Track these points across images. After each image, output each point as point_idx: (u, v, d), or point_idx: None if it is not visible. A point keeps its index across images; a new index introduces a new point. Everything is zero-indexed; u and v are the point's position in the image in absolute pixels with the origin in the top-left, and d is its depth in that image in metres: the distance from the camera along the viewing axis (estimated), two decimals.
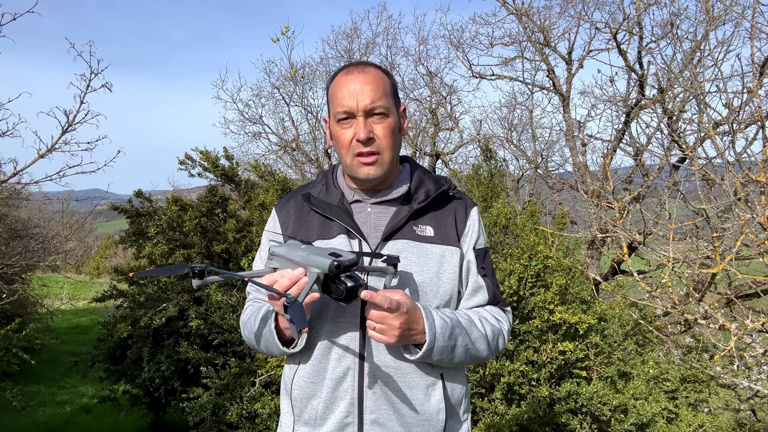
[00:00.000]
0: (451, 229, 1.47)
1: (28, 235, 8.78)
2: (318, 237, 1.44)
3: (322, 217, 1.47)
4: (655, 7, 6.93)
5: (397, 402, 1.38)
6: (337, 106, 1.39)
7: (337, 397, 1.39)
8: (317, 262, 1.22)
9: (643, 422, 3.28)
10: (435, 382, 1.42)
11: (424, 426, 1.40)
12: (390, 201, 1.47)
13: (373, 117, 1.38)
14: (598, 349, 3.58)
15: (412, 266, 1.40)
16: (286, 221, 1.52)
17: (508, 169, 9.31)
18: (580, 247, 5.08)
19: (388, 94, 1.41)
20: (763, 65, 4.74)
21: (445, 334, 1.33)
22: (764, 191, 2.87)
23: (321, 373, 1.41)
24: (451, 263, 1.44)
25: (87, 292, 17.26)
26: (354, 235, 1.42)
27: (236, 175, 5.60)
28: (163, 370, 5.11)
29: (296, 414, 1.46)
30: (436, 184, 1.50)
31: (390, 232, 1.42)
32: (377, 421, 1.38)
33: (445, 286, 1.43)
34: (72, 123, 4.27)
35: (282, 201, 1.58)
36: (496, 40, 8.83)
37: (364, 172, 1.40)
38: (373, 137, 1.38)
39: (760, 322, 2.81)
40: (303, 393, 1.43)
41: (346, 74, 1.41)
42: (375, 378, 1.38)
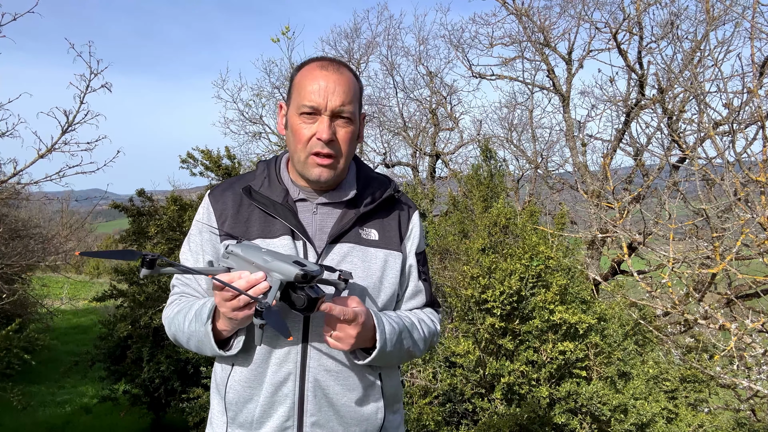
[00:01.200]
0: (395, 233, 1.46)
1: (28, 235, 8.78)
2: (259, 235, 1.38)
3: (263, 213, 1.40)
4: (655, 7, 6.94)
5: (338, 404, 1.37)
6: (304, 98, 1.33)
7: (276, 401, 1.36)
8: (282, 269, 1.17)
9: (643, 422, 3.29)
10: (374, 382, 1.42)
11: (363, 425, 1.41)
12: (336, 203, 1.43)
13: (338, 120, 1.34)
14: (597, 349, 3.58)
15: (356, 270, 1.38)
16: (222, 214, 1.43)
17: (508, 169, 9.32)
18: (579, 247, 5.08)
19: (356, 99, 1.38)
20: (763, 65, 4.74)
21: (393, 339, 1.34)
22: (764, 191, 2.87)
23: (259, 378, 1.37)
24: (393, 267, 1.43)
25: (87, 292, 17.26)
26: (299, 237, 1.37)
27: (238, 174, 5.60)
28: (162, 370, 5.12)
29: (230, 417, 1.42)
30: (382, 187, 1.48)
31: (336, 236, 1.39)
32: (317, 423, 1.37)
33: (386, 290, 1.42)
34: (72, 123, 4.27)
35: (217, 190, 1.48)
36: (496, 40, 8.84)
37: (316, 173, 1.35)
38: (335, 140, 1.34)
39: (760, 322, 2.81)
40: (238, 397, 1.39)
41: (320, 68, 1.35)
42: (317, 381, 1.36)
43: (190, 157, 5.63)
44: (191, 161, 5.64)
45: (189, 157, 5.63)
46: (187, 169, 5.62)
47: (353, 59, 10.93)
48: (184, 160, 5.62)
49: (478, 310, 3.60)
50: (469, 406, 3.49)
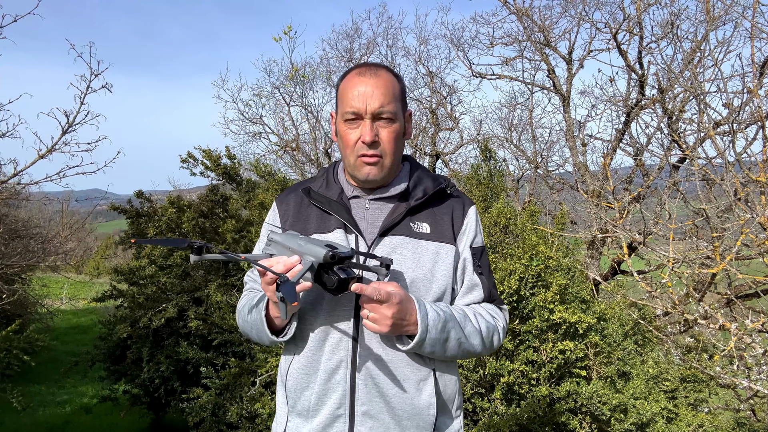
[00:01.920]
0: (447, 226, 1.49)
1: (28, 235, 8.78)
2: (315, 230, 1.47)
3: (320, 211, 1.50)
4: (655, 7, 6.93)
5: (388, 395, 1.40)
6: (346, 106, 1.41)
7: (330, 388, 1.41)
8: (313, 251, 1.25)
9: (643, 422, 3.28)
10: (427, 376, 1.43)
11: (415, 420, 1.42)
12: (388, 198, 1.49)
13: (379, 121, 1.41)
14: (597, 348, 3.58)
15: (406, 262, 1.42)
16: (285, 214, 1.54)
17: (508, 169, 9.32)
18: (579, 247, 5.08)
19: (397, 99, 1.44)
20: (763, 65, 4.74)
21: (437, 326, 1.35)
22: (764, 191, 2.87)
23: (314, 365, 1.43)
24: (445, 260, 1.46)
25: (87, 293, 17.27)
26: (351, 230, 1.45)
27: (238, 174, 5.60)
28: (162, 370, 5.12)
29: (290, 405, 1.48)
30: (434, 182, 1.52)
31: (386, 228, 1.44)
32: (368, 413, 1.40)
33: (438, 282, 1.45)
34: (72, 124, 4.28)
35: (283, 194, 1.61)
36: (496, 39, 8.83)
37: (364, 172, 1.43)
38: (378, 141, 1.41)
39: (760, 322, 2.81)
40: (297, 384, 1.46)
41: (358, 75, 1.43)
42: (367, 370, 1.40)
43: (190, 157, 5.64)
44: (192, 161, 5.64)
45: (189, 157, 5.64)
46: (188, 168, 5.63)
47: (353, 59, 10.93)
48: (185, 159, 5.63)
49: None
50: (469, 405, 3.49)
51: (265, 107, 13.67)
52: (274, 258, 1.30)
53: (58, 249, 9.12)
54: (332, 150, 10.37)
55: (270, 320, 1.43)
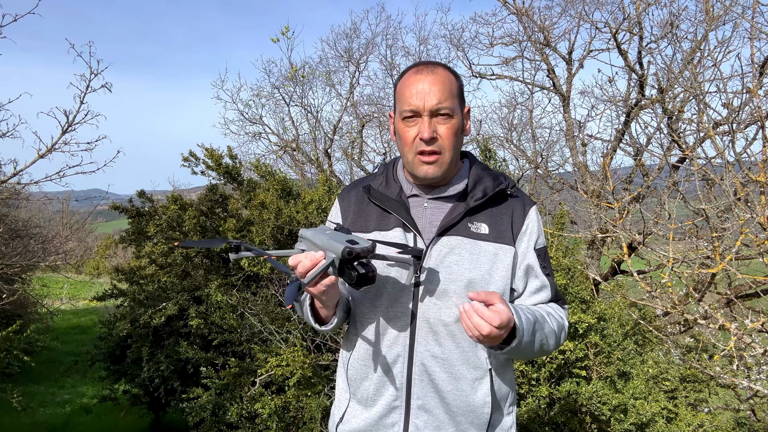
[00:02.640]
0: (507, 227, 1.49)
1: (28, 235, 8.78)
2: (375, 228, 1.50)
3: (380, 209, 1.52)
4: (655, 7, 6.93)
5: (443, 391, 1.44)
6: (404, 104, 1.43)
7: (387, 381, 1.46)
8: (333, 247, 1.28)
9: (643, 422, 3.29)
10: (483, 376, 1.46)
11: (469, 416, 1.45)
12: (447, 197, 1.51)
13: (437, 117, 1.42)
14: (597, 348, 3.59)
15: (464, 263, 1.44)
16: (346, 211, 1.58)
17: (508, 169, 9.31)
18: (579, 247, 5.08)
19: (455, 95, 1.45)
20: (762, 65, 4.74)
21: (528, 330, 1.37)
22: (764, 191, 2.87)
23: (374, 357, 1.48)
24: (504, 261, 1.46)
25: (87, 292, 17.27)
26: (409, 229, 1.47)
27: (239, 174, 5.60)
28: (162, 369, 5.12)
29: (351, 391, 1.54)
30: (494, 182, 1.52)
31: (444, 228, 1.45)
32: (423, 407, 1.45)
33: (497, 283, 1.45)
34: (72, 123, 4.27)
35: (344, 191, 1.64)
36: (496, 39, 8.83)
37: (423, 171, 1.45)
38: (436, 137, 1.42)
39: (760, 322, 2.81)
40: (357, 374, 1.52)
41: (415, 73, 1.44)
42: (423, 366, 1.44)
43: (192, 156, 5.64)
44: (193, 160, 5.64)
45: (191, 156, 5.64)
46: (189, 167, 5.63)
47: (353, 59, 10.93)
48: (186, 158, 5.63)
49: None
50: None
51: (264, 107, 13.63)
52: (303, 254, 1.31)
53: (58, 249, 9.12)
54: (332, 150, 10.37)
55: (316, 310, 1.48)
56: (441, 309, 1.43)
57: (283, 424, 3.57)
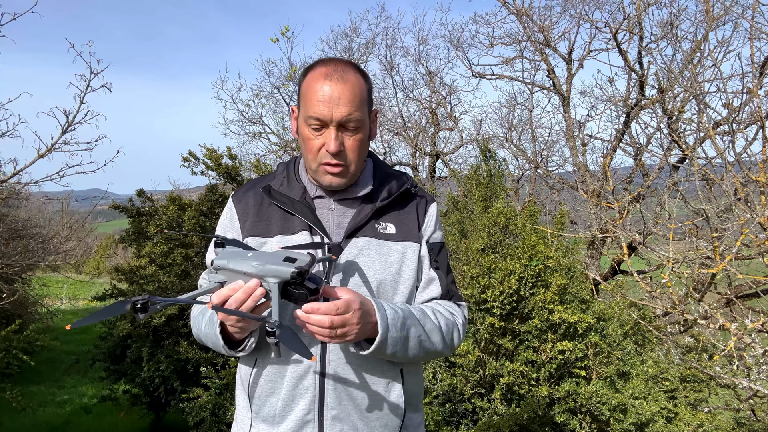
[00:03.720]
0: (413, 225, 1.47)
1: (28, 235, 8.78)
2: (279, 232, 1.42)
3: (282, 211, 1.44)
4: (655, 7, 6.93)
5: (358, 398, 1.39)
6: (310, 110, 1.33)
7: (297, 394, 1.38)
8: (275, 272, 1.14)
9: (642, 422, 3.29)
10: (395, 376, 1.43)
11: (383, 419, 1.42)
12: (353, 199, 1.46)
13: (345, 130, 1.35)
14: (597, 348, 3.58)
15: (374, 264, 1.40)
16: (245, 214, 1.47)
17: (507, 168, 9.31)
18: (579, 247, 5.08)
19: (364, 102, 1.37)
20: (762, 65, 4.74)
21: (396, 324, 1.32)
22: (764, 191, 2.87)
23: (280, 372, 1.39)
24: (411, 259, 1.44)
25: (87, 292, 17.27)
26: (316, 232, 1.40)
27: (239, 174, 5.60)
28: (162, 369, 5.12)
29: (254, 411, 1.45)
30: (398, 182, 1.50)
31: (353, 230, 1.41)
32: (338, 417, 1.38)
33: (405, 282, 1.43)
34: (72, 123, 4.27)
35: (239, 192, 1.53)
36: (496, 39, 8.83)
37: (327, 181, 1.39)
38: (343, 151, 1.35)
39: (760, 322, 2.81)
40: (261, 391, 1.42)
41: (324, 77, 1.34)
42: (336, 375, 1.38)
43: (191, 156, 5.64)
44: (193, 160, 5.64)
45: (191, 156, 5.64)
46: (188, 167, 5.62)
47: (352, 59, 10.93)
48: (186, 158, 5.63)
49: (478, 310, 3.60)
50: (469, 406, 3.49)
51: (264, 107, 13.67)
52: (228, 287, 1.18)
53: (58, 249, 9.12)
54: None
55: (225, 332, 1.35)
56: None
57: None
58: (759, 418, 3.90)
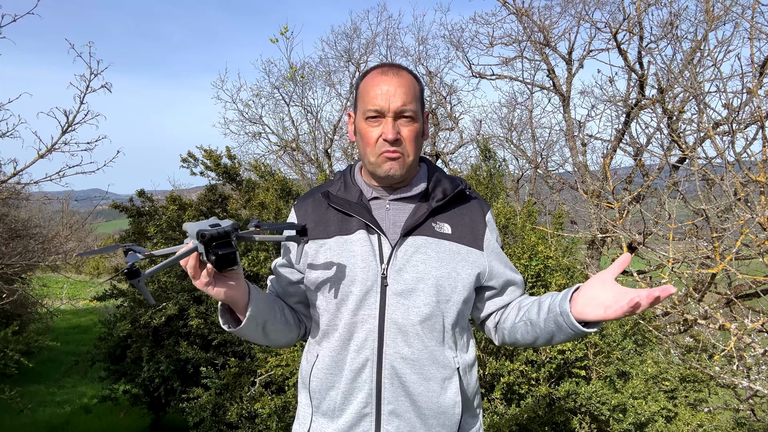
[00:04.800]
0: (467, 228, 1.51)
1: (28, 235, 8.77)
2: (337, 233, 1.47)
3: (341, 213, 1.50)
4: (655, 7, 6.93)
5: (414, 394, 1.42)
6: (368, 104, 1.42)
7: (356, 387, 1.42)
8: (192, 231, 1.22)
9: (642, 421, 3.29)
10: (452, 374, 1.45)
11: (440, 418, 1.43)
12: (408, 198, 1.51)
13: (401, 119, 1.42)
14: (597, 348, 3.59)
15: (431, 261, 1.43)
16: (303, 218, 1.54)
17: (507, 169, 9.31)
18: (577, 247, 5.09)
19: (418, 99, 1.45)
20: (762, 65, 4.74)
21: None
22: (764, 191, 2.87)
23: (339, 365, 1.44)
24: (467, 260, 1.47)
25: (87, 292, 17.26)
26: (374, 230, 1.45)
27: (238, 174, 5.61)
28: (162, 369, 5.12)
29: (315, 405, 1.49)
30: (452, 184, 1.54)
31: (410, 228, 1.45)
32: (394, 412, 1.41)
33: (463, 281, 1.46)
34: (72, 123, 4.28)
35: (300, 200, 1.60)
36: (496, 39, 8.83)
37: (386, 168, 1.43)
38: (400, 138, 1.42)
39: (759, 322, 2.81)
40: (321, 384, 1.46)
41: (380, 74, 1.44)
42: (393, 369, 1.41)
43: (191, 156, 5.64)
44: (192, 160, 5.64)
45: (190, 156, 5.64)
46: (188, 168, 5.63)
47: (352, 59, 10.93)
48: (185, 159, 5.63)
49: None
50: None
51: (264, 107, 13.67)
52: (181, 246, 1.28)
53: (58, 249, 9.11)
54: (332, 150, 10.37)
55: (230, 311, 1.41)
56: (409, 309, 1.42)
57: (283, 424, 3.57)
58: (759, 418, 3.90)
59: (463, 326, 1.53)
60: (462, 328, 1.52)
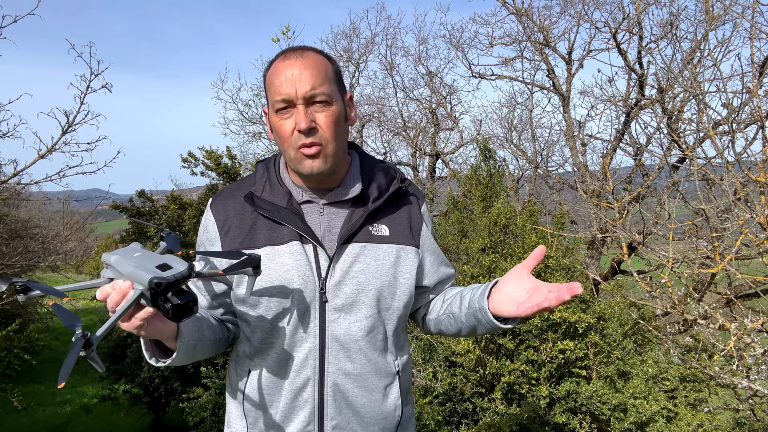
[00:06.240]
0: (406, 226, 1.43)
1: (28, 235, 8.78)
2: (266, 243, 1.33)
3: (269, 220, 1.35)
4: (655, 7, 6.94)
5: (358, 406, 1.37)
6: (275, 95, 1.27)
7: (297, 406, 1.35)
8: (139, 278, 1.05)
9: (643, 421, 3.29)
10: (393, 380, 1.43)
11: (382, 423, 1.41)
12: (343, 201, 1.39)
13: (314, 105, 1.27)
14: (597, 348, 3.59)
15: (370, 270, 1.35)
16: (225, 225, 1.37)
17: (507, 169, 9.32)
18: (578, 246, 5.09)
19: (331, 80, 1.30)
20: (762, 65, 4.74)
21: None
22: (764, 191, 2.87)
23: (277, 385, 1.36)
24: (407, 262, 1.40)
25: (87, 292, 17.26)
26: (308, 240, 1.33)
27: (238, 173, 5.61)
28: (162, 369, 5.12)
29: (250, 422, 1.41)
30: (387, 179, 1.43)
31: (347, 236, 1.34)
32: (338, 426, 1.37)
33: (402, 286, 1.40)
34: (72, 124, 4.28)
35: (218, 199, 1.42)
36: (496, 39, 8.83)
37: (307, 166, 1.29)
38: (315, 127, 1.26)
39: (759, 322, 2.81)
40: (257, 404, 1.38)
41: (283, 60, 1.29)
42: (335, 385, 1.35)
43: (191, 156, 5.65)
44: (192, 160, 5.65)
45: (190, 156, 5.65)
46: (188, 168, 5.64)
47: (352, 59, 10.93)
48: (186, 159, 5.64)
49: None
50: (469, 405, 3.50)
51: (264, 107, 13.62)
52: (109, 285, 1.10)
53: (58, 249, 9.12)
54: None
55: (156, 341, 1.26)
56: (351, 324, 1.34)
57: None
58: (759, 417, 3.90)
59: (402, 327, 1.49)
60: (401, 329, 1.48)
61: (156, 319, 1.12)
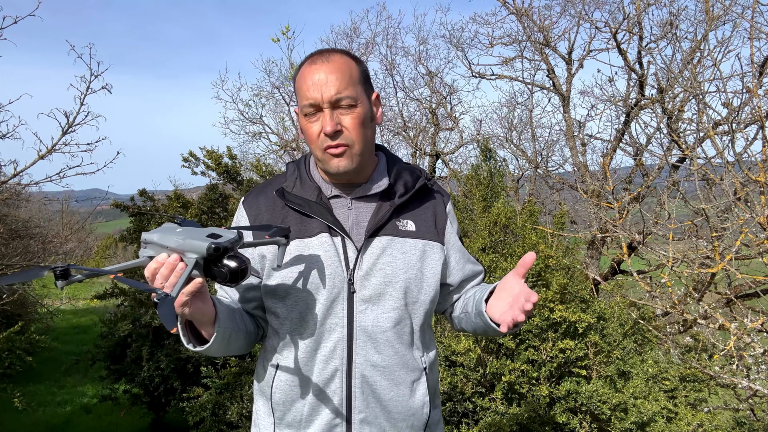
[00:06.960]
0: (431, 223, 1.46)
1: (28, 236, 8.78)
2: (296, 236, 1.38)
3: (299, 214, 1.39)
4: (655, 7, 6.94)
5: (385, 400, 1.38)
6: (303, 99, 1.32)
7: (325, 399, 1.36)
8: (194, 247, 1.10)
9: (643, 421, 3.29)
10: (420, 376, 1.44)
11: (410, 420, 1.42)
12: (370, 196, 1.43)
13: (339, 108, 1.31)
14: (597, 348, 3.59)
15: (397, 263, 1.38)
16: (256, 219, 1.42)
17: (507, 168, 9.32)
18: (579, 246, 5.09)
19: (357, 81, 1.34)
20: (762, 65, 4.75)
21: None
22: (764, 191, 2.88)
23: (305, 376, 1.37)
24: (432, 257, 1.43)
25: (87, 292, 17.26)
26: (336, 233, 1.37)
27: (239, 173, 5.62)
28: (162, 369, 5.12)
29: (277, 417, 1.42)
30: (413, 176, 1.47)
31: (374, 229, 1.38)
32: (366, 420, 1.37)
33: (428, 280, 1.43)
34: (72, 124, 4.28)
35: (250, 196, 1.48)
36: (496, 39, 8.83)
37: (334, 165, 1.34)
38: (341, 129, 1.31)
39: (759, 321, 2.81)
40: (285, 396, 1.39)
41: (309, 64, 1.34)
42: (363, 377, 1.36)
43: (192, 156, 5.66)
44: (193, 160, 5.66)
45: (191, 156, 5.66)
46: (189, 168, 5.64)
47: None
48: (186, 158, 5.64)
49: None
50: (470, 405, 3.50)
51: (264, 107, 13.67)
52: (155, 260, 1.13)
53: (58, 249, 9.12)
54: None
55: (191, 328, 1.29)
56: (378, 315, 1.36)
57: None
58: (759, 417, 3.90)
59: (429, 324, 1.50)
60: (428, 326, 1.50)
61: (198, 299, 1.17)
